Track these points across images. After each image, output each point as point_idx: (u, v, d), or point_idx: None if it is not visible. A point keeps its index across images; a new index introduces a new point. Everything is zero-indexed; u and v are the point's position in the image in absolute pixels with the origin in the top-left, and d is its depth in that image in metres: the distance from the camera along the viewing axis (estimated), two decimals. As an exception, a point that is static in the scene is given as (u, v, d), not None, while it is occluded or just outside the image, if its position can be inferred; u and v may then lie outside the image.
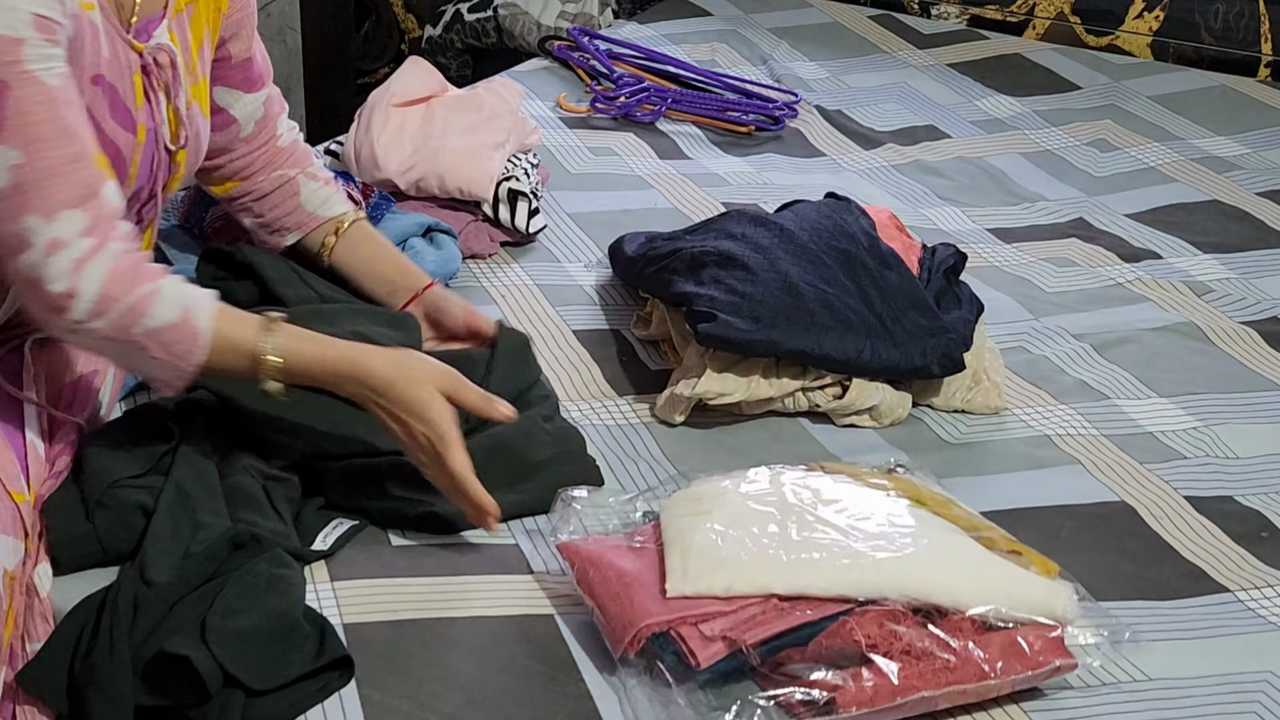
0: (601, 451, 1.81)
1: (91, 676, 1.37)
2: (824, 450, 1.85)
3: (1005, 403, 1.96)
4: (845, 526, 1.49)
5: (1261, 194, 2.68)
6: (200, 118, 1.69)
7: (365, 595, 1.53)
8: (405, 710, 1.39)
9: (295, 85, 4.02)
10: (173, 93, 1.61)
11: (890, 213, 2.24)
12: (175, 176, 1.67)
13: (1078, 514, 1.75)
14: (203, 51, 1.69)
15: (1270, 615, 1.60)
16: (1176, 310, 2.24)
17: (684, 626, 1.40)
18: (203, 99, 1.70)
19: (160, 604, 1.42)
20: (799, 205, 2.19)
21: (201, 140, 1.71)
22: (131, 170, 1.58)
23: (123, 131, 1.57)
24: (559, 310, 2.15)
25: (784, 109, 2.93)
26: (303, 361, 1.53)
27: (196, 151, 1.69)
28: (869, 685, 1.36)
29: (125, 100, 1.57)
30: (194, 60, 1.66)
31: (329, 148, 2.48)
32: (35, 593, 1.48)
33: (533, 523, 1.66)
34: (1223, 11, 3.28)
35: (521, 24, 3.52)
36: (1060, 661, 1.43)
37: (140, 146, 1.59)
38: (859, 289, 1.93)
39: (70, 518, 1.53)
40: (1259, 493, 1.81)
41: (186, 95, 1.65)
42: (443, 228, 2.22)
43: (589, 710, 1.40)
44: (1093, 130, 2.94)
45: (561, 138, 2.76)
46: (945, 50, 3.35)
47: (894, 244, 2.07)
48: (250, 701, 1.36)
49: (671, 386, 1.88)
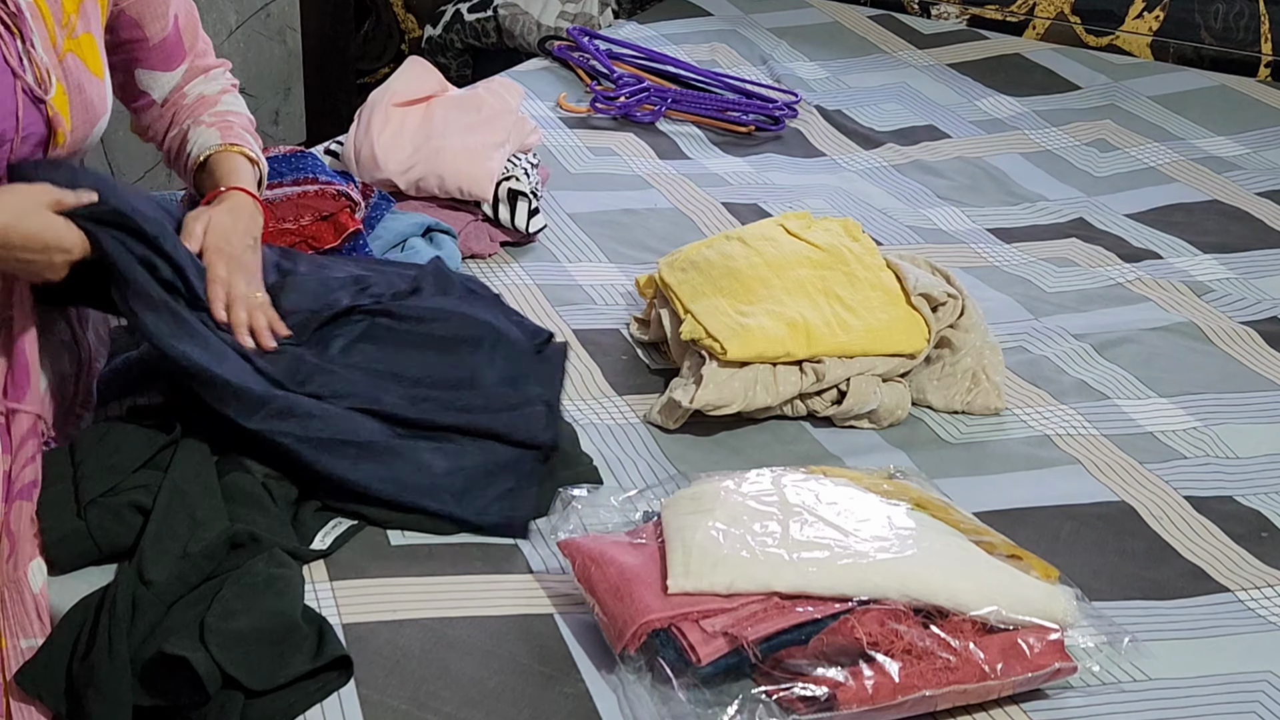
0: (601, 451, 1.81)
1: (90, 677, 1.37)
2: (824, 451, 1.85)
3: (1005, 404, 1.96)
4: (846, 527, 1.49)
5: (1261, 194, 2.68)
6: (85, 72, 1.66)
7: (364, 595, 1.53)
8: (404, 710, 1.39)
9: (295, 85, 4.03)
10: (25, 35, 1.58)
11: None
12: (60, 130, 1.62)
13: (1078, 514, 1.75)
14: (83, 8, 1.66)
15: (1270, 615, 1.60)
16: (1176, 310, 2.24)
17: (685, 623, 1.40)
18: (85, 54, 1.66)
19: (158, 604, 1.42)
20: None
21: (89, 96, 1.67)
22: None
23: None
24: (559, 310, 2.15)
25: (784, 109, 2.93)
26: None
27: (84, 106, 1.66)
28: (870, 683, 1.36)
29: None
30: (68, 14, 1.63)
31: (329, 148, 2.48)
32: (26, 588, 1.48)
33: (532, 523, 1.66)
34: (1223, 11, 3.28)
35: (521, 24, 3.52)
36: (1060, 664, 1.43)
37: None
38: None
39: (64, 516, 1.53)
40: (1259, 493, 1.81)
41: (54, 45, 1.62)
42: (442, 228, 2.22)
43: (589, 710, 1.40)
44: (1093, 130, 2.94)
45: (561, 138, 2.76)
46: (945, 50, 3.35)
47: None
48: (249, 702, 1.36)
49: (670, 393, 1.88)
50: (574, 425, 1.83)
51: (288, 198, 2.09)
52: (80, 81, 1.65)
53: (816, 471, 1.62)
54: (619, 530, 1.57)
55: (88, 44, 1.67)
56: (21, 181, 1.58)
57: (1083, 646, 1.47)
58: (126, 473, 1.56)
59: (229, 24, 3.79)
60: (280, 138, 3.94)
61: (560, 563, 1.57)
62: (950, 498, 1.69)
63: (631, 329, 2.08)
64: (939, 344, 1.96)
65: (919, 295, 1.96)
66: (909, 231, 2.48)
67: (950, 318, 1.96)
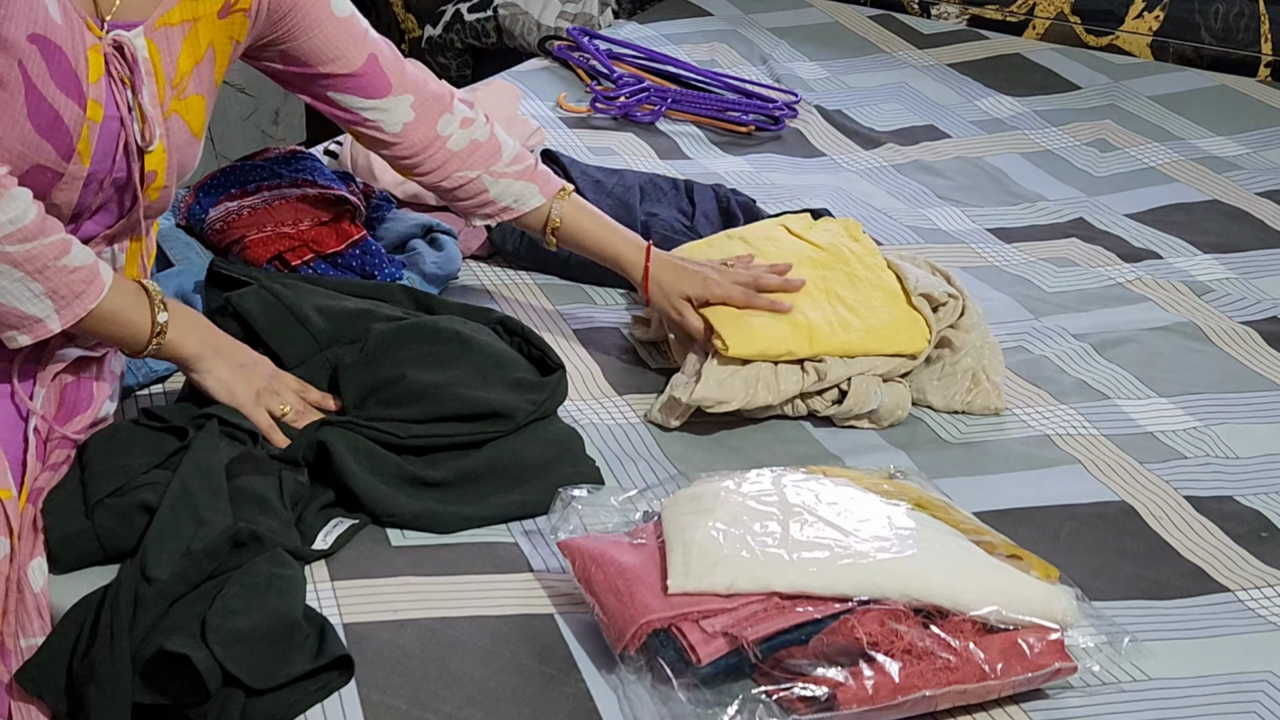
0: (601, 451, 1.81)
1: (90, 675, 1.37)
2: (824, 451, 1.85)
3: (1005, 404, 1.96)
4: (846, 527, 1.49)
5: (1261, 194, 2.68)
6: (185, 132, 1.69)
7: (365, 595, 1.53)
8: (405, 710, 1.39)
9: (295, 85, 4.02)
10: (136, 88, 1.61)
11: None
12: (153, 185, 1.67)
13: (1078, 514, 1.75)
14: (199, 70, 1.69)
15: (1270, 615, 1.60)
16: (1176, 310, 2.24)
17: (685, 623, 1.40)
18: (190, 117, 1.69)
19: (160, 601, 1.42)
20: None
21: (186, 158, 1.71)
22: (80, 146, 1.58)
23: (65, 99, 1.56)
24: (559, 310, 2.15)
25: (784, 109, 2.93)
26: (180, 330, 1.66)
27: (180, 165, 1.70)
28: (870, 682, 1.36)
29: (75, 68, 1.56)
30: (180, 75, 1.66)
31: (328, 148, 2.48)
32: (27, 588, 1.48)
33: (532, 523, 1.66)
34: (1223, 11, 3.28)
35: (521, 24, 3.52)
36: (1060, 664, 1.43)
37: (91, 124, 1.58)
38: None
39: (70, 515, 1.53)
40: (1259, 493, 1.81)
41: (161, 101, 1.64)
42: (443, 228, 2.22)
43: (589, 709, 1.40)
44: (1093, 130, 2.94)
45: (561, 138, 2.76)
46: (945, 50, 3.35)
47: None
48: (250, 701, 1.36)
49: (670, 390, 1.88)
50: (574, 425, 1.83)
51: (286, 200, 2.09)
52: (180, 143, 1.69)
53: (816, 471, 1.62)
54: (619, 530, 1.57)
55: (195, 106, 1.70)
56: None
57: (1083, 646, 1.47)
58: (135, 474, 1.56)
59: (229, 24, 3.79)
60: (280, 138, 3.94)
61: (560, 563, 1.57)
62: (950, 498, 1.69)
63: (632, 329, 2.08)
64: (939, 344, 1.96)
65: (919, 295, 1.96)
66: (909, 231, 2.48)
67: (951, 318, 1.96)
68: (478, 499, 1.67)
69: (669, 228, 2.25)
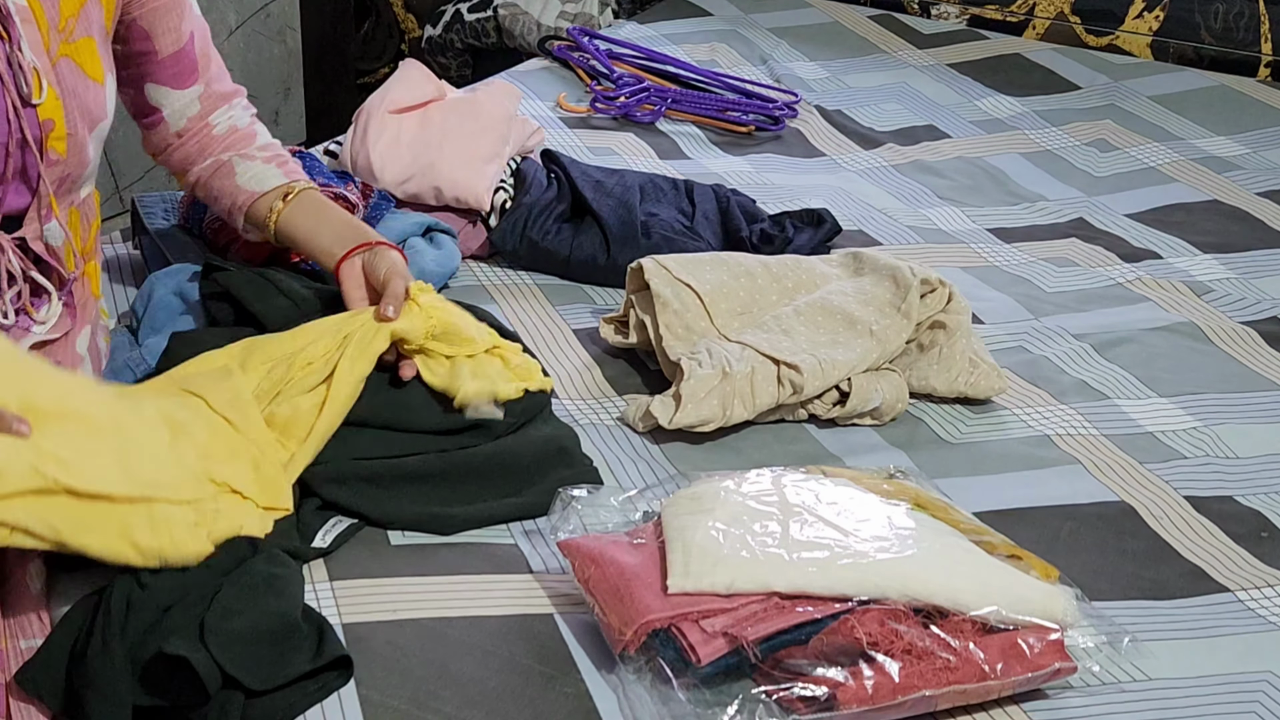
0: (601, 451, 1.81)
1: (88, 677, 1.37)
2: (824, 450, 1.85)
3: (1007, 383, 1.96)
4: (846, 527, 1.49)
5: (1261, 194, 2.68)
6: (79, 75, 1.65)
7: (364, 595, 1.53)
8: (404, 710, 1.39)
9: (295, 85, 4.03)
10: (13, 38, 1.57)
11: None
12: (53, 134, 1.62)
13: (1078, 514, 1.75)
14: (86, 11, 1.65)
15: (1270, 615, 1.60)
16: (1176, 310, 2.24)
17: (685, 623, 1.40)
18: (83, 59, 1.65)
19: (153, 604, 1.41)
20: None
21: (86, 101, 1.66)
22: None
23: None
24: (559, 310, 2.15)
25: (784, 109, 2.93)
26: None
27: (84, 110, 1.65)
28: (870, 682, 1.36)
29: None
30: (65, 18, 1.63)
31: (328, 148, 2.48)
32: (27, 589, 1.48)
33: (532, 523, 1.66)
34: (1223, 11, 3.28)
35: (521, 24, 3.52)
36: (1060, 664, 1.43)
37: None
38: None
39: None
40: (1259, 493, 1.81)
41: (47, 48, 1.61)
42: (442, 227, 2.22)
43: (589, 710, 1.40)
44: (1093, 130, 2.94)
45: (561, 138, 2.76)
46: (945, 50, 3.35)
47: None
48: (249, 701, 1.36)
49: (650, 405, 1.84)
50: (574, 425, 1.83)
51: (286, 199, 2.09)
52: (75, 86, 1.64)
53: (816, 471, 1.62)
54: (619, 530, 1.57)
55: (86, 48, 1.66)
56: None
57: (1083, 646, 1.47)
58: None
59: (229, 24, 3.80)
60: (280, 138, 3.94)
61: (560, 563, 1.57)
62: (950, 498, 1.69)
63: (610, 333, 2.02)
64: (932, 326, 1.95)
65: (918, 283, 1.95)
66: (909, 231, 2.49)
67: (939, 303, 1.95)
68: (477, 499, 1.67)
69: (669, 228, 2.25)
